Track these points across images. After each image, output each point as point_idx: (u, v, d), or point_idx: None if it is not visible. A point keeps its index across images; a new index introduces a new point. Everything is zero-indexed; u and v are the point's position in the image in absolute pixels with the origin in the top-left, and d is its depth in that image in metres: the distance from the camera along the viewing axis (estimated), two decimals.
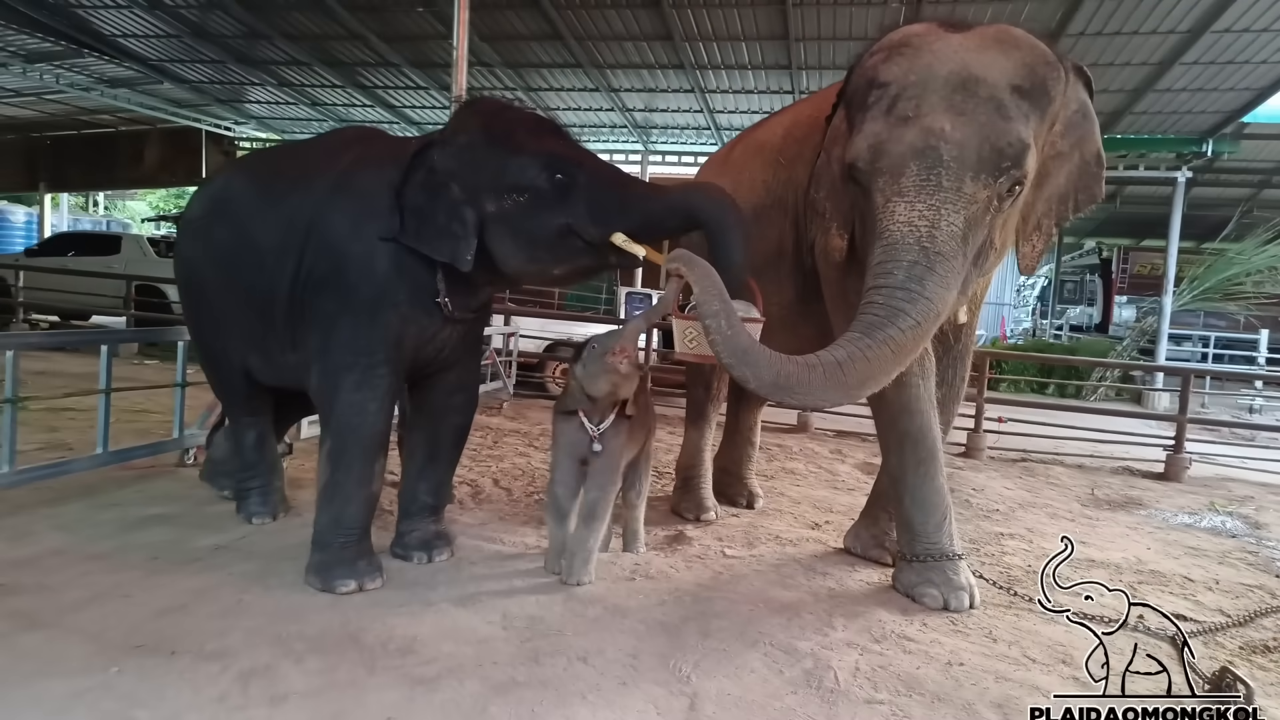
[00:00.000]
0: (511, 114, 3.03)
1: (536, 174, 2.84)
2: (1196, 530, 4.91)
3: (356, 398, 2.96)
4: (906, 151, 2.54)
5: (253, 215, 3.26)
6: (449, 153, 2.93)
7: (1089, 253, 20.44)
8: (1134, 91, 9.72)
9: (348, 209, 3.03)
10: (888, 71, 2.65)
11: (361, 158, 3.13)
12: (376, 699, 2.22)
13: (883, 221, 2.56)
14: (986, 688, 2.46)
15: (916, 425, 3.18)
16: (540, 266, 3.03)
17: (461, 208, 2.89)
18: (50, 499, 3.73)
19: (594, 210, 2.87)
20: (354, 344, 2.96)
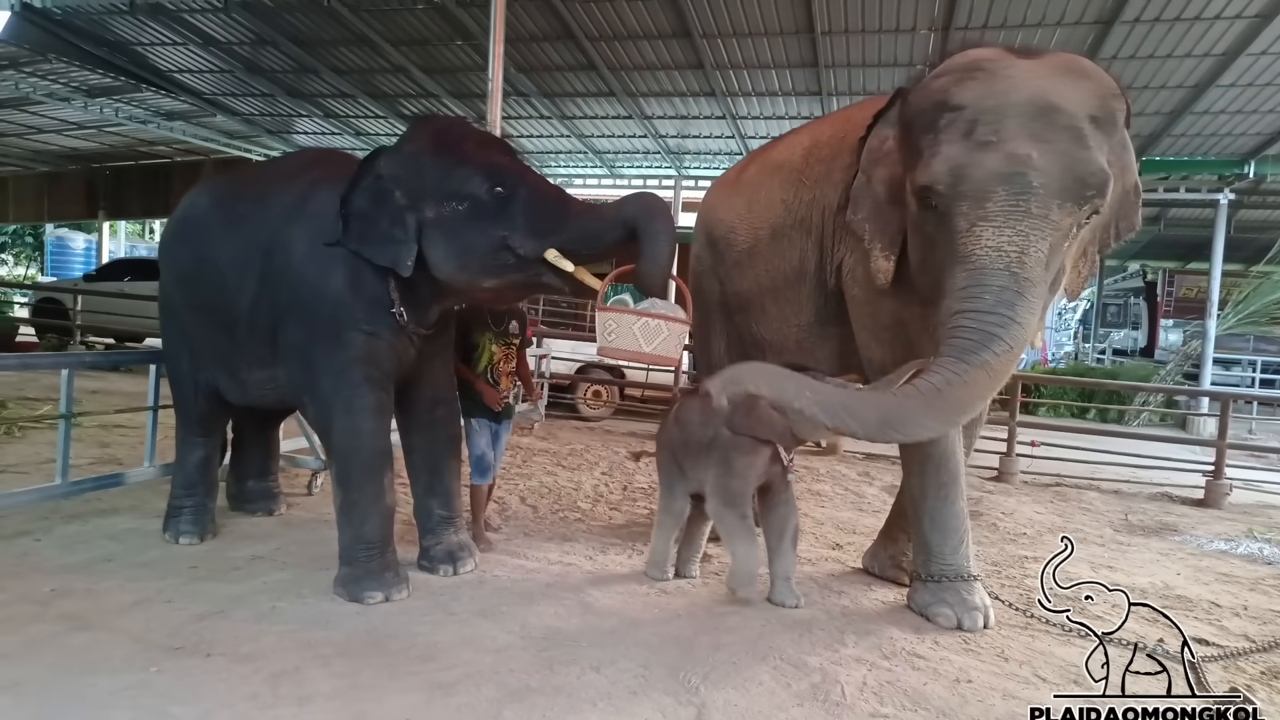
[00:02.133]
0: (461, 129, 3.17)
1: (477, 184, 2.94)
2: (1231, 557, 4.83)
3: (348, 422, 3.06)
4: (991, 176, 2.52)
5: (214, 236, 3.38)
6: (395, 159, 3.03)
7: (1133, 275, 20.08)
8: (1171, 114, 9.63)
9: (302, 233, 3.12)
10: (961, 95, 2.62)
11: (317, 180, 3.21)
12: (397, 701, 2.32)
13: (967, 245, 2.54)
14: (992, 705, 2.49)
15: (940, 449, 3.19)
16: (470, 276, 3.06)
17: (403, 213, 2.98)
18: (103, 510, 3.95)
19: (530, 225, 2.95)
20: (330, 370, 3.07)
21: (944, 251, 2.65)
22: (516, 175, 3.01)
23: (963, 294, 2.51)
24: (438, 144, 3.04)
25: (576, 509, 4.76)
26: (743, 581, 3.22)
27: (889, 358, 3.24)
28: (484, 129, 3.20)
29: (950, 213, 2.60)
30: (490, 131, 3.27)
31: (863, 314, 3.34)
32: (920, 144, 2.72)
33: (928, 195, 2.65)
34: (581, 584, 3.40)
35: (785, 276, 3.67)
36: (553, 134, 12.90)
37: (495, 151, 3.07)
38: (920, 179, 2.66)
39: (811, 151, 3.74)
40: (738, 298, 3.98)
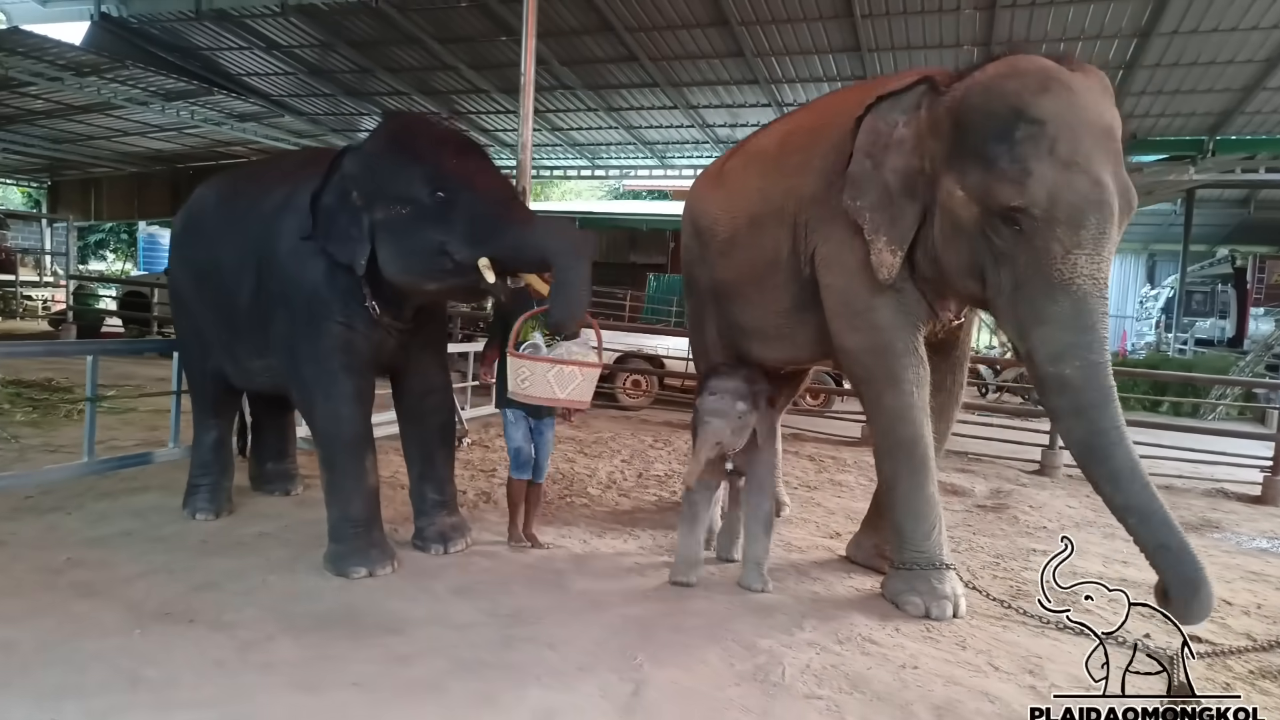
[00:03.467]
0: (421, 128, 3.18)
1: (419, 188, 2.98)
2: (1270, 555, 4.59)
3: (329, 408, 3.21)
4: (1085, 204, 2.60)
5: (218, 231, 3.56)
6: (355, 159, 3.12)
7: (1220, 261, 18.97)
8: (1242, 90, 9.10)
9: (287, 227, 3.24)
10: (1041, 107, 2.63)
11: (305, 177, 3.27)
12: (354, 670, 2.45)
13: (1065, 273, 2.64)
14: (932, 690, 2.47)
15: (910, 433, 3.18)
16: (412, 279, 3.13)
17: (359, 213, 3.06)
18: (135, 488, 4.23)
19: (466, 232, 2.96)
20: (311, 358, 3.21)
21: (1026, 271, 2.71)
22: (460, 179, 2.99)
23: (1074, 324, 2.67)
24: (391, 145, 3.10)
25: (585, 495, 4.85)
26: (675, 567, 3.37)
27: (861, 344, 3.26)
28: (450, 127, 3.25)
29: (1041, 235, 2.65)
30: (456, 130, 3.27)
31: (836, 302, 3.33)
32: (988, 151, 2.70)
33: (1015, 215, 2.68)
34: (565, 567, 3.49)
35: (764, 264, 3.68)
36: (601, 125, 13.01)
37: (448, 153, 3.05)
38: (1011, 199, 2.65)
39: (787, 140, 3.75)
40: (723, 286, 4.01)
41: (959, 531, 4.55)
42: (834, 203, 3.26)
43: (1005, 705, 2.41)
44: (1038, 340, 2.74)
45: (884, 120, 3.09)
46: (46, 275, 16.58)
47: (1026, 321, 2.76)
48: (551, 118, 12.88)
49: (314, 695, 2.29)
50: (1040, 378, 2.80)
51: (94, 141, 15.64)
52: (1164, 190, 14.49)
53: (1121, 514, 2.73)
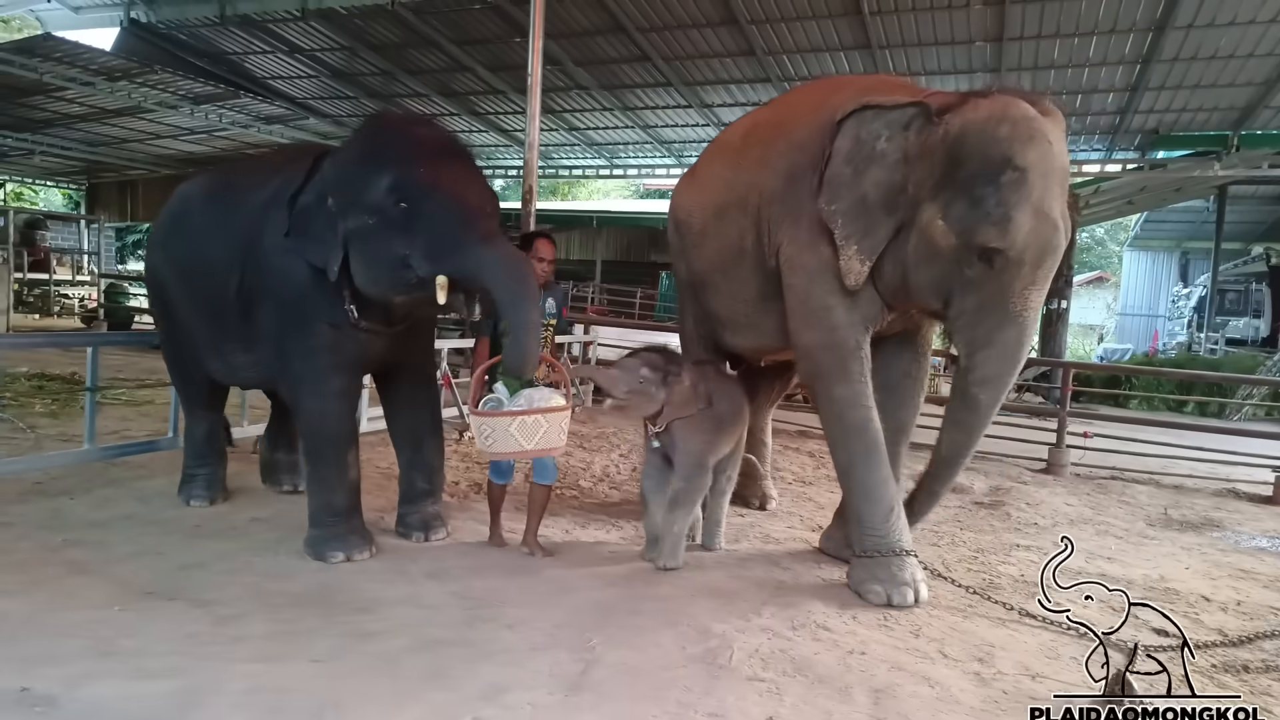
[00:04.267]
0: (395, 132, 3.08)
1: (383, 197, 2.90)
2: (1267, 554, 4.53)
3: (314, 405, 3.27)
4: (1047, 247, 2.90)
5: (205, 228, 3.54)
6: (332, 163, 3.09)
7: (1255, 259, 18.54)
8: (1264, 84, 8.93)
9: (277, 224, 3.21)
10: (1025, 156, 2.83)
11: (293, 174, 3.24)
12: (317, 645, 2.55)
13: (1017, 306, 2.97)
14: (874, 674, 2.51)
15: (860, 418, 3.30)
16: (380, 290, 3.07)
17: (334, 219, 3.02)
18: (140, 475, 4.40)
19: (430, 246, 2.88)
20: (299, 355, 3.24)
21: (989, 300, 2.98)
22: (426, 189, 2.88)
23: (1011, 356, 3.06)
24: (363, 150, 3.04)
25: (576, 487, 4.94)
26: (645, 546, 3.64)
27: (815, 341, 3.39)
28: (430, 130, 3.13)
29: (1009, 272, 2.91)
30: (438, 133, 3.14)
31: (795, 301, 3.44)
32: (976, 190, 2.88)
33: (992, 254, 2.88)
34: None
35: (730, 254, 3.79)
36: (618, 125, 13.12)
37: (419, 160, 2.93)
38: (992, 240, 2.86)
39: (750, 134, 3.87)
40: (698, 276, 4.14)
41: (946, 527, 4.57)
42: (794, 203, 3.39)
43: (944, 690, 2.45)
44: (979, 361, 3.08)
45: (867, 130, 3.18)
46: (83, 274, 17.09)
47: (978, 342, 3.07)
48: (569, 118, 13.02)
49: (273, 666, 2.40)
50: (962, 389, 3.19)
51: (129, 144, 16.11)
52: (1193, 187, 14.24)
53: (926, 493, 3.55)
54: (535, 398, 3.17)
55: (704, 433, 3.54)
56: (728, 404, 3.68)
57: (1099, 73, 9.18)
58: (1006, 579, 3.62)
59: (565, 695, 2.35)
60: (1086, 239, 30.36)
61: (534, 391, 3.22)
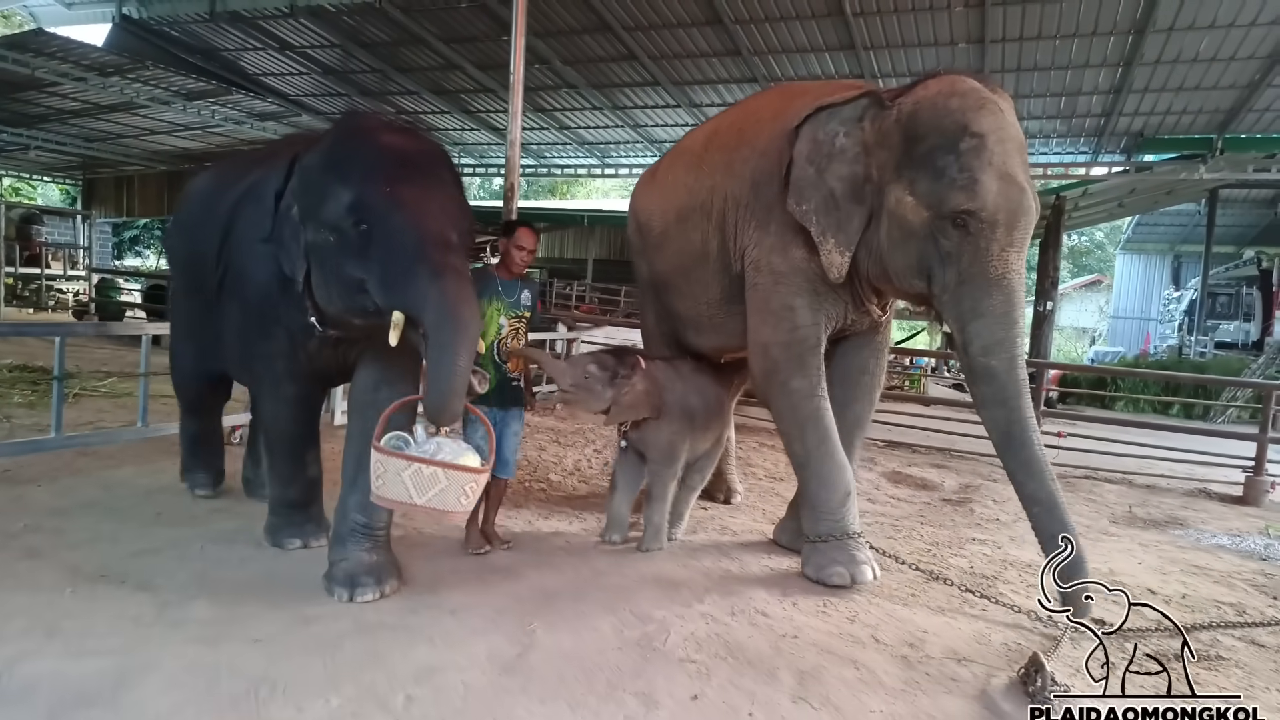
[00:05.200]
0: (362, 139, 2.71)
1: (342, 216, 2.60)
2: (1225, 551, 4.57)
3: (271, 407, 3.24)
4: (1018, 209, 2.93)
5: (200, 221, 3.47)
6: (300, 166, 2.81)
7: (1247, 263, 18.54)
8: (1247, 87, 8.97)
9: (247, 221, 3.08)
10: (980, 122, 2.92)
11: (274, 170, 2.99)
12: (258, 628, 2.60)
13: (998, 269, 2.96)
14: (802, 657, 2.57)
15: (816, 406, 3.38)
16: (338, 311, 2.80)
17: (298, 229, 2.77)
18: (108, 465, 4.45)
19: (384, 275, 2.57)
20: (260, 356, 3.14)
21: (969, 268, 2.99)
22: (384, 210, 2.56)
23: (1004, 319, 3.00)
24: (329, 159, 2.71)
25: (546, 480, 4.98)
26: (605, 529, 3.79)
27: (774, 339, 3.45)
28: (402, 138, 2.76)
29: (984, 236, 2.93)
30: (411, 139, 2.79)
31: (758, 301, 3.52)
32: (938, 161, 2.95)
33: (965, 218, 2.93)
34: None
35: (692, 257, 3.85)
36: (608, 124, 13.16)
37: (383, 174, 2.60)
38: (963, 203, 2.91)
39: (711, 139, 3.92)
40: (659, 277, 4.20)
41: (908, 521, 4.61)
42: (760, 208, 3.49)
43: (869, 672, 2.50)
44: (973, 332, 3.03)
45: (823, 130, 3.27)
46: (78, 270, 17.15)
47: (966, 314, 3.04)
48: (559, 116, 13.07)
49: (212, 648, 2.45)
50: (971, 367, 3.10)
51: (124, 140, 16.14)
52: (1184, 190, 14.27)
53: (1029, 502, 3.01)
54: (446, 449, 2.66)
55: (673, 426, 3.61)
56: (699, 399, 3.74)
57: (1082, 75, 9.21)
58: (956, 570, 3.66)
59: (498, 676, 2.40)
60: (1086, 242, 30.40)
61: (450, 442, 2.70)
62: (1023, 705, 2.26)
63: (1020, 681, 2.32)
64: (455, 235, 2.68)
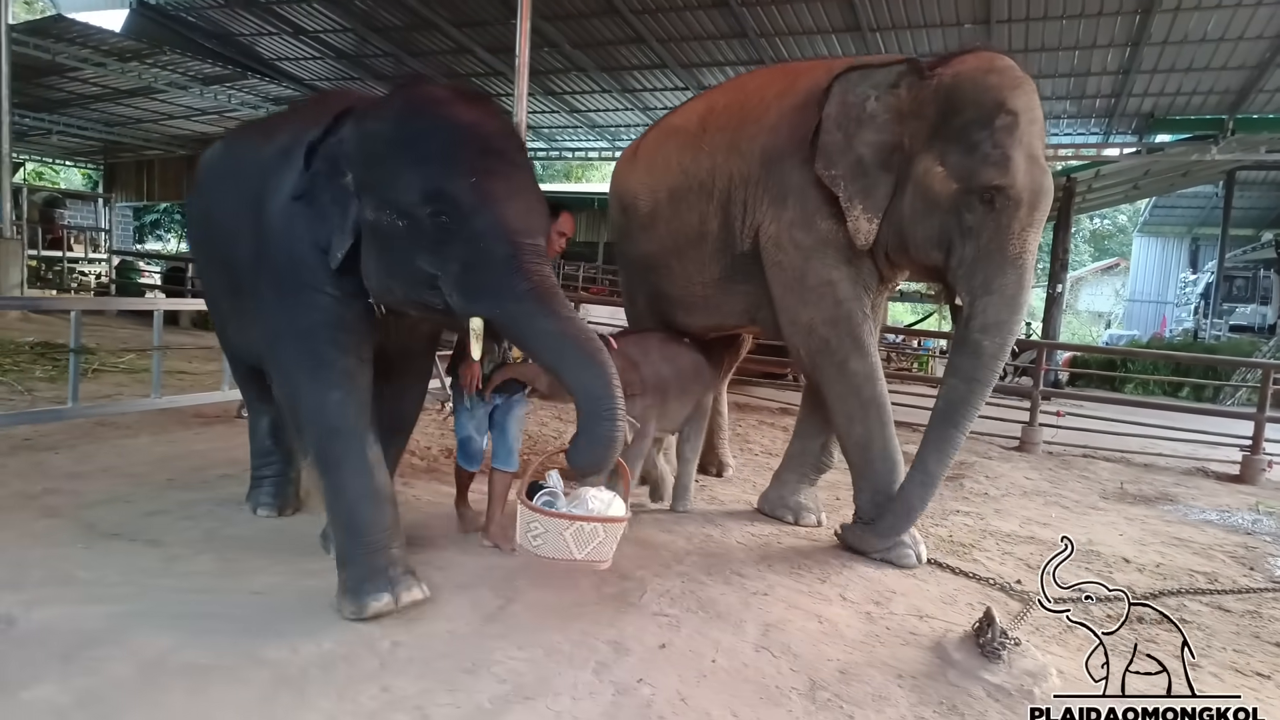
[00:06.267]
0: (445, 116, 2.42)
1: (417, 202, 2.34)
2: (1211, 526, 4.66)
3: (313, 397, 2.61)
4: (1040, 189, 3.00)
5: (221, 188, 3.10)
6: (357, 130, 2.50)
7: (1265, 245, 18.38)
8: (1256, 68, 8.91)
9: (283, 179, 2.67)
10: (1015, 101, 2.98)
11: (314, 125, 2.64)
12: (259, 581, 2.76)
13: (1017, 248, 3.02)
14: (769, 610, 2.71)
15: (879, 390, 3.42)
16: (396, 301, 2.56)
17: (348, 199, 2.48)
18: (126, 434, 4.65)
19: (467, 278, 2.35)
20: (294, 334, 2.64)
21: (989, 244, 3.02)
22: (471, 205, 2.31)
23: (1012, 301, 3.06)
24: (398, 128, 2.43)
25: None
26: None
27: (818, 317, 3.45)
28: (488, 118, 2.47)
29: (1008, 213, 2.97)
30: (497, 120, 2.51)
31: (789, 279, 3.50)
32: (972, 135, 2.98)
33: (993, 193, 2.97)
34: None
35: (686, 237, 3.88)
36: (618, 107, 13.25)
37: (467, 159, 2.36)
38: (994, 178, 2.95)
39: (708, 119, 3.91)
40: (647, 259, 4.20)
41: None
42: (774, 184, 3.49)
43: (831, 625, 2.63)
44: (980, 308, 3.08)
45: (853, 93, 3.25)
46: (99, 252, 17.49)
47: (979, 289, 3.08)
48: (570, 100, 13.16)
49: (214, 598, 2.61)
50: (965, 339, 3.16)
51: (143, 125, 16.43)
52: (1199, 172, 14.15)
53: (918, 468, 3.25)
54: (591, 498, 2.84)
55: (645, 400, 3.67)
56: (670, 368, 3.79)
57: (1090, 55, 9.18)
58: (934, 538, 3.78)
59: (481, 625, 2.55)
60: (1109, 225, 30.10)
61: (595, 491, 2.88)
62: (974, 655, 2.38)
63: (973, 633, 2.43)
64: (544, 240, 2.45)
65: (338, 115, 2.57)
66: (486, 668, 2.27)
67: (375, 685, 2.15)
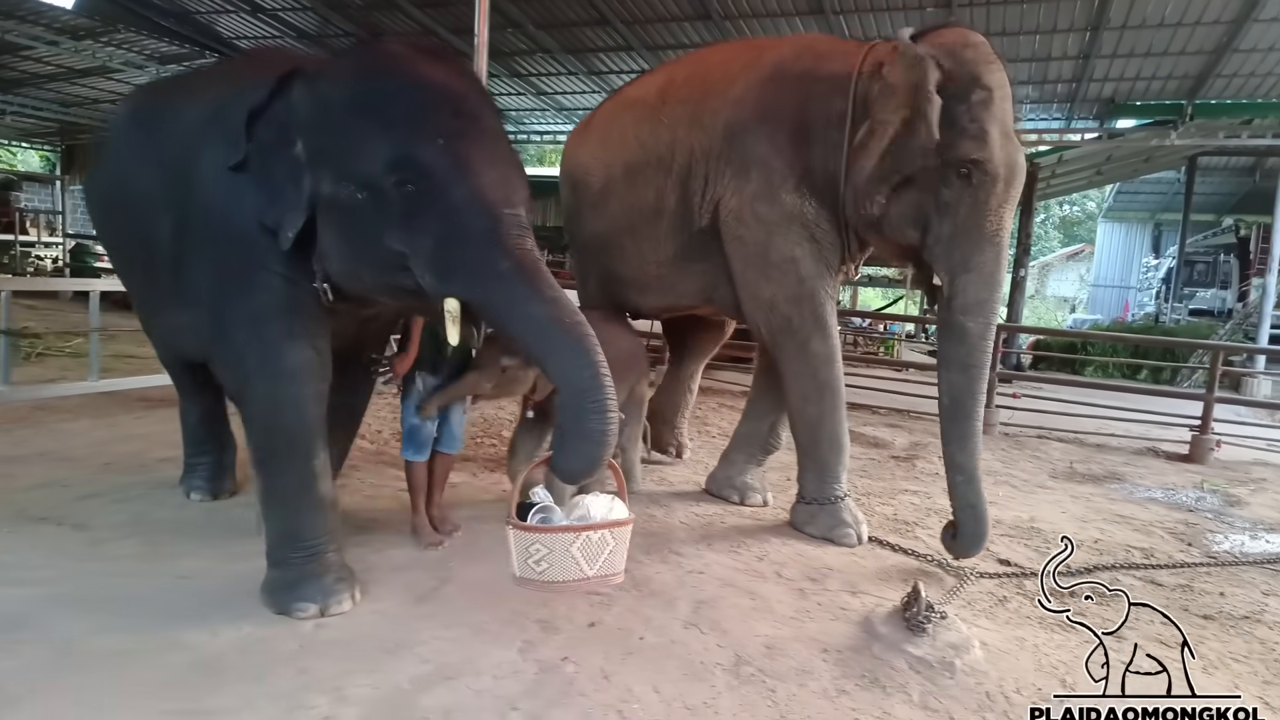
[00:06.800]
0: (409, 75, 2.15)
1: (381, 171, 2.09)
2: (1155, 504, 4.73)
3: (263, 389, 2.42)
4: (1015, 165, 2.97)
5: (138, 159, 2.79)
6: (310, 92, 2.25)
7: (1225, 231, 18.68)
8: (1214, 53, 8.99)
9: (218, 146, 2.40)
10: (990, 77, 2.95)
11: (249, 87, 2.39)
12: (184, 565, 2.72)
13: (992, 225, 2.97)
14: (703, 589, 2.72)
15: (836, 373, 3.43)
16: (360, 286, 2.33)
17: (300, 171, 2.23)
18: (65, 419, 4.56)
19: (440, 256, 2.11)
20: (241, 320, 2.42)
21: (966, 220, 2.98)
22: (443, 172, 2.07)
23: (990, 279, 3.02)
24: (361, 92, 2.16)
25: (499, 437, 5.09)
26: None
27: (780, 294, 3.42)
28: (453, 75, 2.22)
29: (983, 189, 2.94)
30: (467, 80, 2.27)
31: (750, 254, 3.46)
32: (955, 111, 2.93)
33: (972, 168, 2.93)
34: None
35: (641, 214, 3.78)
36: (586, 90, 13.10)
37: (437, 121, 2.11)
38: (973, 152, 2.90)
39: (668, 91, 3.81)
40: (599, 238, 4.10)
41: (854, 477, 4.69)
42: (739, 157, 3.43)
43: (763, 601, 2.64)
44: (961, 287, 3.02)
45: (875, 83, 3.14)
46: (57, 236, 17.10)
47: (958, 267, 3.03)
48: (536, 82, 13.02)
49: (139, 581, 2.58)
50: (949, 324, 3.07)
51: (101, 105, 16.00)
52: (1162, 158, 14.33)
53: (954, 470, 3.06)
54: (595, 506, 2.43)
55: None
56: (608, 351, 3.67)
57: (1050, 40, 9.22)
58: (880, 517, 3.81)
59: (411, 606, 2.53)
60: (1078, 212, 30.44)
61: (591, 499, 2.47)
62: (899, 628, 2.40)
63: (901, 607, 2.45)
64: (525, 210, 2.17)
65: (283, 77, 2.31)
66: (410, 648, 2.25)
67: (293, 667, 2.13)
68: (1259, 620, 2.91)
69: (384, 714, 1.95)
